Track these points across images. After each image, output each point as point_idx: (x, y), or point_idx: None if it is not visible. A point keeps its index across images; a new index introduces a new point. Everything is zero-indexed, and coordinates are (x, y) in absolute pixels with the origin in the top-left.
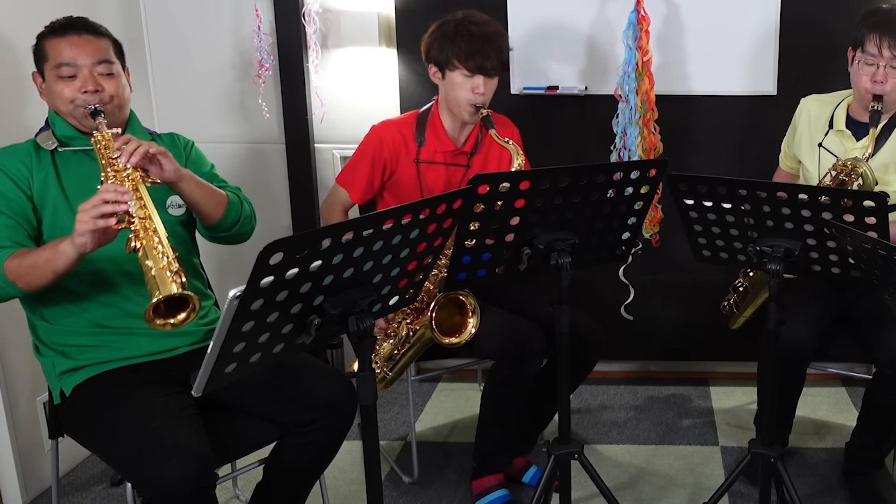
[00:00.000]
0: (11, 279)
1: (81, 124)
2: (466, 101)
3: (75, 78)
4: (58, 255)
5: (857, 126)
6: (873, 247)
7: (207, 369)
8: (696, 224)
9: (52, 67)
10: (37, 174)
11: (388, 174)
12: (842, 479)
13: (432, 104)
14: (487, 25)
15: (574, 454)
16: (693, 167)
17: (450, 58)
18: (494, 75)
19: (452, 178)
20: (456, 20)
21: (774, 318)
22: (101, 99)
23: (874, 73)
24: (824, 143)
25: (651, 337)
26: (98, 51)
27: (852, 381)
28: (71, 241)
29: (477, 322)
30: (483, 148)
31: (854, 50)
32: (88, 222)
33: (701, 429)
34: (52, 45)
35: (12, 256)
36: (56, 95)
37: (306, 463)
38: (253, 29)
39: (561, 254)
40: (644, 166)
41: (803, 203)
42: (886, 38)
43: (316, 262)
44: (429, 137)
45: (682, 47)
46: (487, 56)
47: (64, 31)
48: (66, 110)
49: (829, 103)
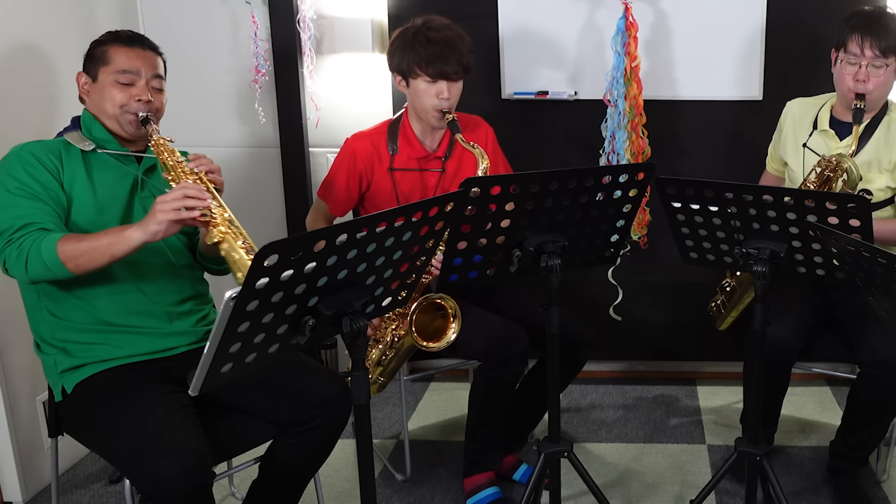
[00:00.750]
0: (63, 259)
1: (125, 129)
2: (432, 107)
3: (132, 86)
4: (122, 241)
5: (841, 126)
6: (857, 249)
7: (204, 369)
8: (684, 226)
9: (113, 72)
10: (66, 169)
11: (365, 185)
12: (826, 477)
13: (402, 112)
14: (446, 30)
15: (564, 452)
16: (680, 171)
17: (411, 66)
18: (457, 79)
19: (428, 182)
20: (414, 27)
21: (760, 318)
22: (149, 109)
23: (857, 73)
24: (809, 143)
25: (639, 337)
26: (155, 65)
27: (837, 381)
28: (143, 228)
29: (458, 327)
30: (456, 152)
31: (837, 51)
32: (171, 212)
33: (688, 427)
34: (118, 52)
35: (64, 239)
36: (108, 98)
37: (301, 461)
38: (249, 35)
39: (551, 256)
40: (632, 170)
41: (789, 206)
42: (868, 38)
43: (310, 263)
44: (401, 145)
45: (670, 53)
46: (448, 61)
47: (132, 43)
48: (113, 113)
49: (813, 105)
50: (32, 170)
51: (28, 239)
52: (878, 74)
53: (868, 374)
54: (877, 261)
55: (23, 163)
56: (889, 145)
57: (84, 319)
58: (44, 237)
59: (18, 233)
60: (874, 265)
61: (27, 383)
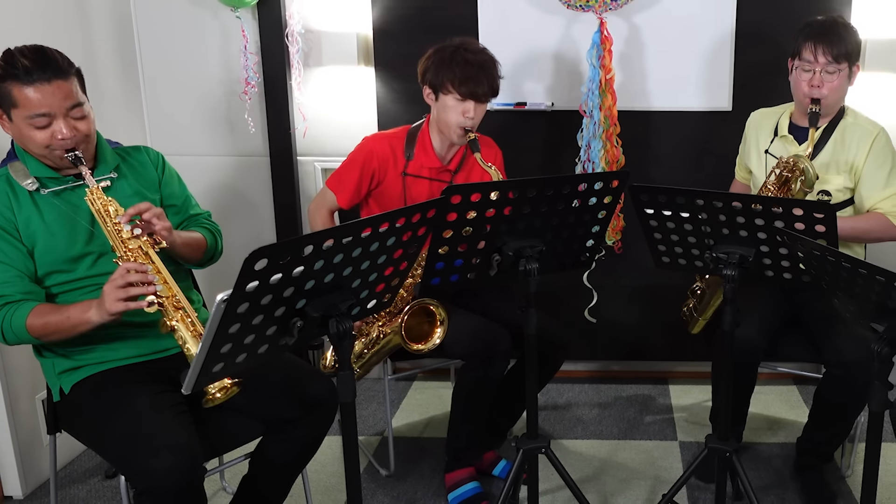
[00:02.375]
0: (35, 336)
1: (56, 164)
2: (457, 123)
3: (49, 125)
4: (84, 323)
5: (799, 131)
6: (823, 253)
7: (196, 369)
8: (656, 232)
9: (24, 116)
10: (19, 215)
11: (376, 184)
12: (793, 473)
13: (423, 122)
14: (482, 54)
15: (541, 448)
16: (653, 178)
17: (444, 82)
18: (485, 101)
19: (435, 193)
20: (452, 47)
21: (729, 320)
22: (75, 141)
23: (811, 79)
24: (770, 149)
25: (614, 338)
26: (69, 94)
27: (803, 380)
28: (98, 314)
29: (444, 333)
30: (466, 167)
31: (792, 59)
32: (120, 304)
33: (660, 425)
34: (21, 93)
35: (33, 314)
36: (29, 140)
37: (289, 457)
38: (240, 48)
39: (529, 260)
40: (607, 178)
41: (757, 212)
42: (821, 45)
43: (298, 267)
44: (417, 153)
45: (643, 66)
46: (480, 83)
47: (31, 78)
48: (39, 153)
49: (773, 114)
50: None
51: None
52: (832, 80)
53: (833, 374)
54: (841, 265)
55: None
56: (845, 147)
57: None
58: (13, 312)
59: None
60: (839, 269)
61: (27, 383)
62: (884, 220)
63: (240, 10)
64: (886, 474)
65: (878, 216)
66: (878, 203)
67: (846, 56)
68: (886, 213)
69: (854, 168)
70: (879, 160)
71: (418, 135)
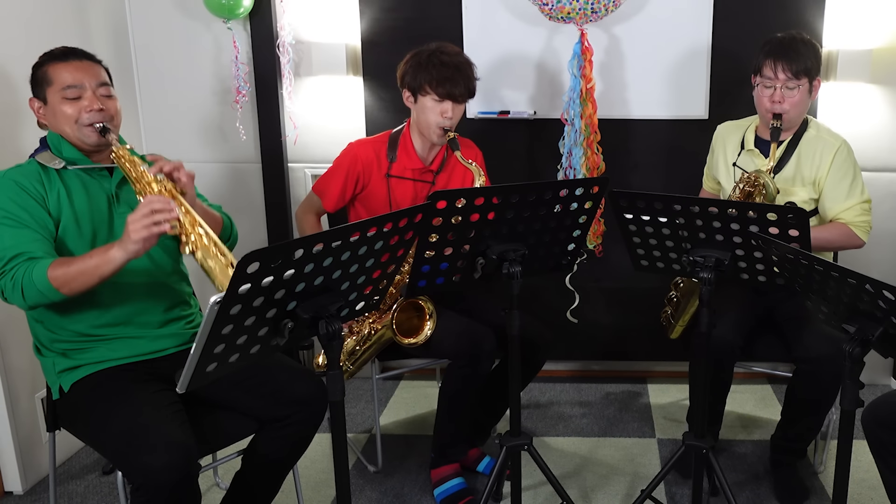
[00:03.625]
0: (56, 286)
1: (86, 142)
2: (436, 123)
3: (80, 99)
4: (108, 262)
5: (764, 144)
6: (796, 257)
7: (191, 368)
8: (635, 236)
9: (59, 90)
10: (50, 192)
11: (360, 187)
12: (768, 469)
13: (404, 125)
14: (458, 56)
15: (524, 445)
16: (632, 184)
17: (422, 84)
18: (462, 101)
19: (419, 193)
20: (429, 50)
21: (706, 321)
22: (103, 117)
23: (772, 94)
24: (738, 162)
25: (594, 339)
26: (98, 75)
27: (777, 380)
28: (122, 248)
29: (433, 325)
30: (448, 167)
31: (755, 76)
32: (142, 230)
33: (639, 423)
34: (57, 70)
35: (54, 265)
36: (61, 116)
37: (281, 454)
38: (231, 58)
39: (512, 263)
40: (588, 184)
41: (732, 217)
42: (780, 62)
43: (289, 270)
44: (400, 155)
45: (622, 76)
46: (457, 84)
47: (66, 58)
48: (70, 130)
49: (740, 127)
50: (18, 198)
51: (19, 269)
52: (793, 95)
53: (803, 370)
54: (814, 268)
55: (6, 191)
56: (809, 160)
57: (79, 329)
58: (34, 266)
59: (10, 264)
60: (812, 272)
61: (27, 382)
62: (846, 230)
63: (231, 21)
64: (857, 471)
65: (841, 226)
66: (840, 213)
67: (805, 72)
68: (849, 223)
69: (817, 181)
70: (841, 172)
71: (400, 138)
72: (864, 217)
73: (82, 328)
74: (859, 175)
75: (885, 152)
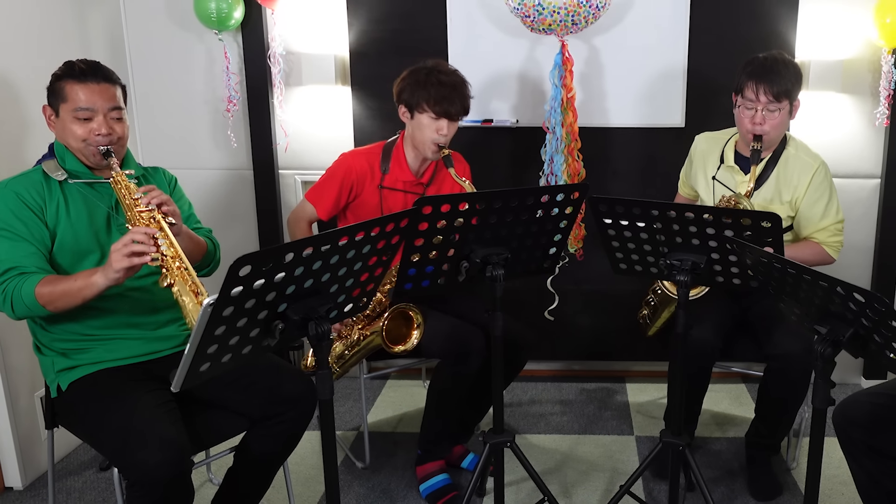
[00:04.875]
0: (42, 303)
1: (89, 160)
2: (431, 140)
3: (90, 120)
4: (90, 286)
5: (744, 161)
6: (770, 260)
7: (185, 368)
8: (614, 240)
9: (71, 109)
10: (49, 203)
11: (353, 196)
12: (743, 465)
13: (398, 138)
14: (454, 75)
15: (507, 443)
16: (612, 190)
17: (420, 102)
18: (457, 119)
19: (410, 204)
20: (427, 68)
21: (683, 323)
22: (110, 140)
23: (753, 116)
24: (717, 176)
25: (575, 340)
26: (112, 98)
27: (751, 379)
28: (104, 275)
29: (420, 335)
30: (438, 180)
31: (736, 95)
32: (123, 260)
33: (618, 421)
34: (73, 89)
35: (42, 283)
36: (70, 133)
37: (272, 451)
38: (223, 69)
39: (495, 266)
40: (568, 190)
41: (708, 222)
42: (762, 84)
43: (280, 273)
44: (392, 167)
45: (602, 85)
46: (453, 103)
47: (85, 78)
48: (77, 147)
49: (719, 140)
50: (18, 210)
51: (10, 283)
52: (774, 117)
53: (774, 368)
54: (787, 271)
55: (7, 203)
56: (787, 181)
57: (78, 330)
58: (25, 281)
59: (3, 277)
60: (785, 275)
61: (26, 381)
62: (819, 249)
63: (223, 33)
64: (828, 467)
65: (815, 245)
66: (814, 233)
67: (786, 94)
68: (822, 243)
69: (794, 200)
70: (818, 193)
71: (393, 150)
72: (836, 238)
73: (81, 329)
74: (835, 196)
75: (854, 160)
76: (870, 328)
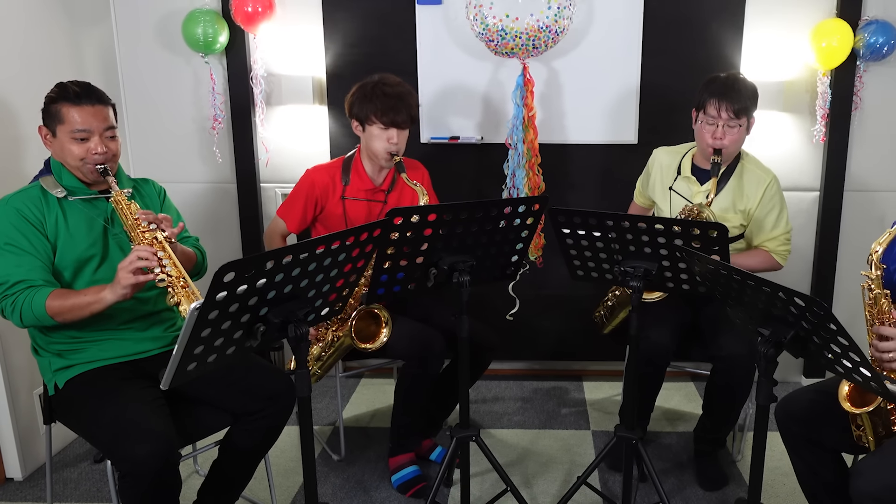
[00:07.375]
0: (51, 314)
1: (86, 177)
2: (383, 149)
3: (87, 140)
4: (98, 301)
5: (700, 172)
6: (716, 268)
7: (173, 367)
8: (572, 249)
9: (69, 131)
10: (48, 218)
11: (319, 209)
12: (691, 458)
13: (355, 151)
14: (399, 87)
15: (472, 437)
16: (569, 202)
17: (368, 114)
18: (405, 128)
19: (372, 211)
20: (372, 82)
21: (636, 325)
22: (106, 158)
23: (714, 132)
24: (674, 186)
25: (535, 341)
26: (106, 118)
27: (699, 377)
28: (112, 291)
29: (389, 332)
30: (398, 187)
31: (697, 111)
32: (130, 277)
33: (575, 416)
34: (70, 112)
35: (52, 296)
36: (68, 154)
37: (254, 444)
38: (208, 89)
39: (461, 273)
40: (529, 202)
41: (659, 232)
42: (724, 102)
43: (261, 280)
44: (353, 178)
45: (561, 105)
46: (399, 112)
47: (79, 100)
48: (74, 165)
49: (677, 154)
50: (19, 225)
51: (20, 296)
52: (733, 133)
53: (718, 368)
54: (732, 278)
55: (9, 219)
56: (741, 191)
57: (73, 332)
58: (34, 294)
59: (12, 289)
60: (730, 281)
61: (26, 379)
62: (768, 257)
63: (209, 56)
64: (771, 459)
65: (764, 253)
66: (764, 242)
67: (745, 111)
68: (771, 251)
69: (748, 210)
70: (770, 205)
71: (352, 163)
72: (785, 246)
73: (75, 331)
74: (785, 208)
75: (795, 173)
76: (809, 330)
